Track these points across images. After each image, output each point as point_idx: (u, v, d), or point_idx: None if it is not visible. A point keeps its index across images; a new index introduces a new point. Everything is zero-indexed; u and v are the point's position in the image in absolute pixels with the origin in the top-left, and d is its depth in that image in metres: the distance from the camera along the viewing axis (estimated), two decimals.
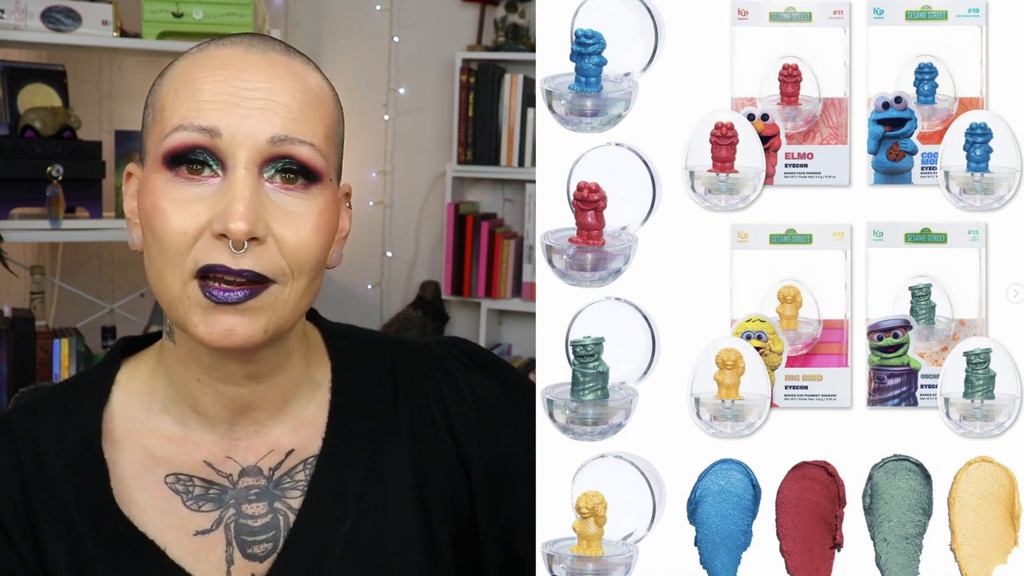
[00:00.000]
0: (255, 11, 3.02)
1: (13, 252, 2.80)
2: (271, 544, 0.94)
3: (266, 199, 0.86)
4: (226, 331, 0.85)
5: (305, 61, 0.92)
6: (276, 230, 0.86)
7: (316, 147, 0.88)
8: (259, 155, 0.86)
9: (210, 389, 0.94)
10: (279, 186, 0.87)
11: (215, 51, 0.89)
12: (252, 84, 0.86)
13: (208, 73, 0.87)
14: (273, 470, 0.96)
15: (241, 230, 0.83)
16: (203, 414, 0.95)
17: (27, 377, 2.54)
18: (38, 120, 2.74)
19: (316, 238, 0.88)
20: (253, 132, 0.85)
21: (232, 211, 0.83)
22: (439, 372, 1.04)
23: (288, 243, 0.86)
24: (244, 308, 0.85)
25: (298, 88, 0.88)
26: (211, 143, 0.85)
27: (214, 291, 0.84)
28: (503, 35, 3.54)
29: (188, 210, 0.85)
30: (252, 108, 0.86)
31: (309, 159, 0.87)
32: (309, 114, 0.88)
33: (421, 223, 3.75)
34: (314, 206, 0.88)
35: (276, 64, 0.88)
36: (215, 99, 0.86)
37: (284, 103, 0.87)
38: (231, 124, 0.85)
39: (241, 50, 0.89)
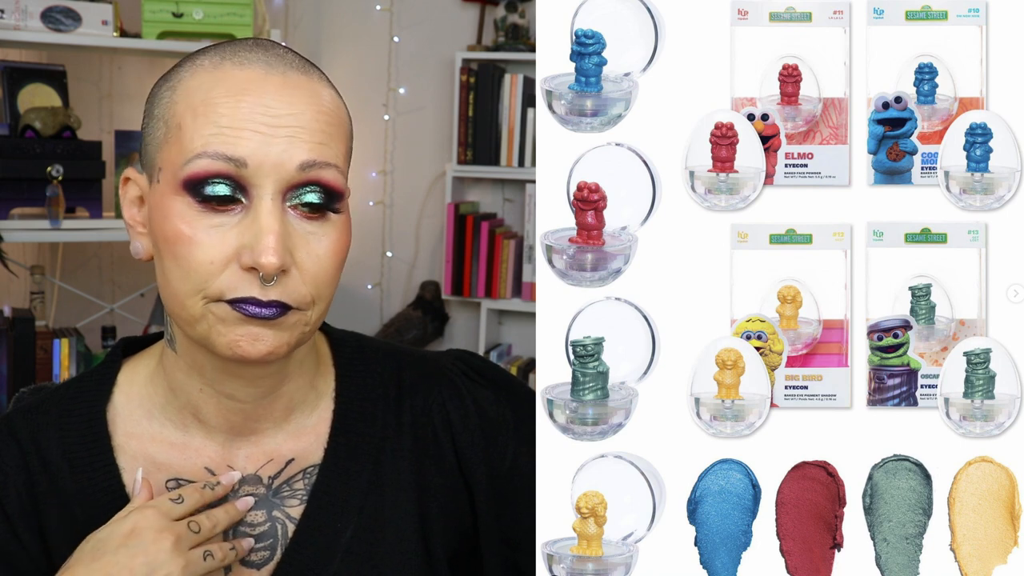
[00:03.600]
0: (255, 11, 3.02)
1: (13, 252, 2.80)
2: (268, 552, 0.94)
3: (291, 228, 0.86)
4: (253, 340, 0.85)
5: (319, 75, 0.91)
6: (299, 259, 0.86)
7: (339, 168, 0.87)
8: (286, 183, 0.85)
9: (212, 400, 0.93)
10: (301, 215, 0.86)
11: (234, 72, 0.87)
12: (276, 110, 0.85)
13: (229, 97, 0.85)
14: (272, 479, 0.96)
15: (273, 265, 0.83)
16: (204, 422, 0.94)
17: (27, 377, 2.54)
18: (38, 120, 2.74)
19: (334, 262, 0.88)
20: (281, 160, 0.84)
21: (263, 245, 0.83)
22: (446, 387, 1.03)
23: (310, 272, 0.86)
24: (275, 323, 0.85)
25: (320, 110, 0.87)
26: (236, 172, 0.84)
27: (250, 308, 0.84)
28: (503, 35, 3.54)
29: (214, 240, 0.84)
30: (279, 136, 0.84)
31: (333, 181, 0.87)
32: (332, 135, 0.87)
33: (421, 223, 3.75)
34: (333, 231, 0.88)
35: (297, 86, 0.87)
36: (239, 126, 0.84)
37: (309, 128, 0.86)
38: (258, 153, 0.84)
39: (261, 72, 0.87)
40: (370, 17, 3.69)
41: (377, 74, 3.71)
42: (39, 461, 0.93)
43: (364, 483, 0.97)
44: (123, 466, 0.94)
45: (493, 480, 1.02)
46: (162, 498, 0.90)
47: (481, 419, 1.02)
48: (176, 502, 0.90)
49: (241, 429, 0.95)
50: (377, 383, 1.01)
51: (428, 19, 3.66)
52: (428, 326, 3.55)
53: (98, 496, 0.92)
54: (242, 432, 0.95)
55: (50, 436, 0.94)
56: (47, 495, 0.93)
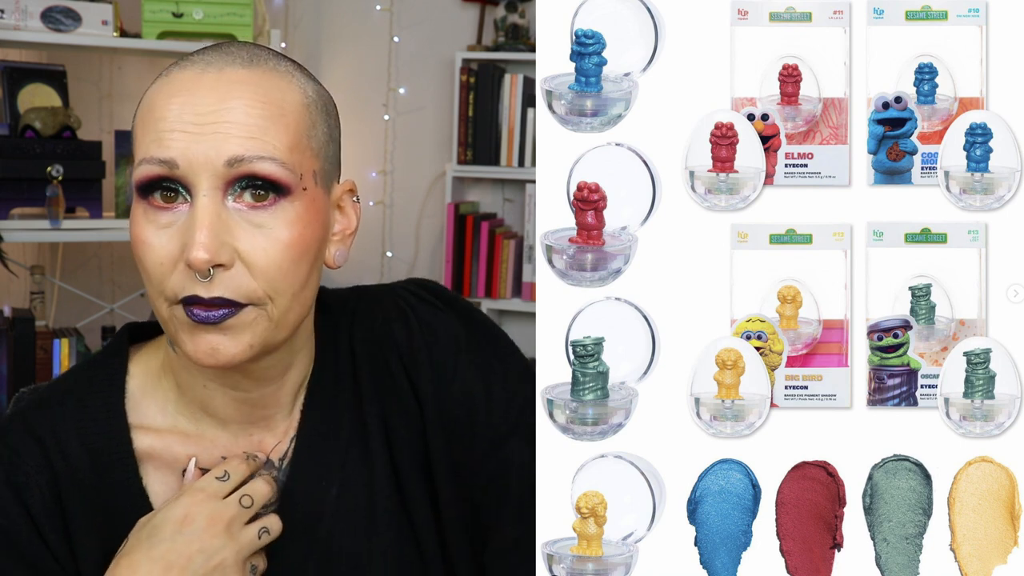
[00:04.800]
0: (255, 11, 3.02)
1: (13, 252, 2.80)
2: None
3: (232, 222, 0.85)
4: (210, 350, 0.85)
5: (270, 68, 0.90)
6: (245, 254, 0.85)
7: (278, 160, 0.86)
8: (219, 179, 0.85)
9: (218, 394, 0.94)
10: (248, 205, 0.86)
11: (175, 75, 0.88)
12: (205, 107, 0.85)
13: (166, 100, 0.86)
14: (282, 459, 0.97)
15: (201, 259, 0.82)
16: (214, 416, 0.95)
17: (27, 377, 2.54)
18: (38, 120, 2.75)
19: (288, 255, 0.86)
20: (208, 157, 0.84)
21: (193, 241, 0.83)
22: (391, 307, 1.02)
23: (257, 266, 0.85)
24: (225, 327, 0.85)
25: (255, 102, 0.86)
26: (171, 174, 0.85)
27: (195, 311, 0.85)
28: (503, 35, 3.54)
29: (163, 241, 0.86)
30: (205, 133, 0.85)
31: (271, 173, 0.85)
32: (268, 128, 0.86)
33: (421, 223, 3.75)
34: (283, 221, 0.86)
35: (231, 80, 0.87)
36: (170, 128, 0.85)
37: (238, 121, 0.85)
38: (187, 153, 0.84)
39: (197, 71, 0.87)
40: (370, 17, 3.69)
41: (377, 74, 3.71)
42: (60, 455, 0.93)
43: (343, 441, 0.98)
44: (141, 457, 0.95)
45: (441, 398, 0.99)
46: (208, 478, 0.91)
47: (426, 337, 1.00)
48: (222, 479, 0.91)
49: (251, 417, 0.96)
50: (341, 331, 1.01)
51: (428, 19, 3.66)
52: None
53: (117, 489, 0.93)
54: (253, 420, 0.96)
55: (68, 429, 0.94)
56: (70, 489, 0.93)
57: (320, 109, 0.92)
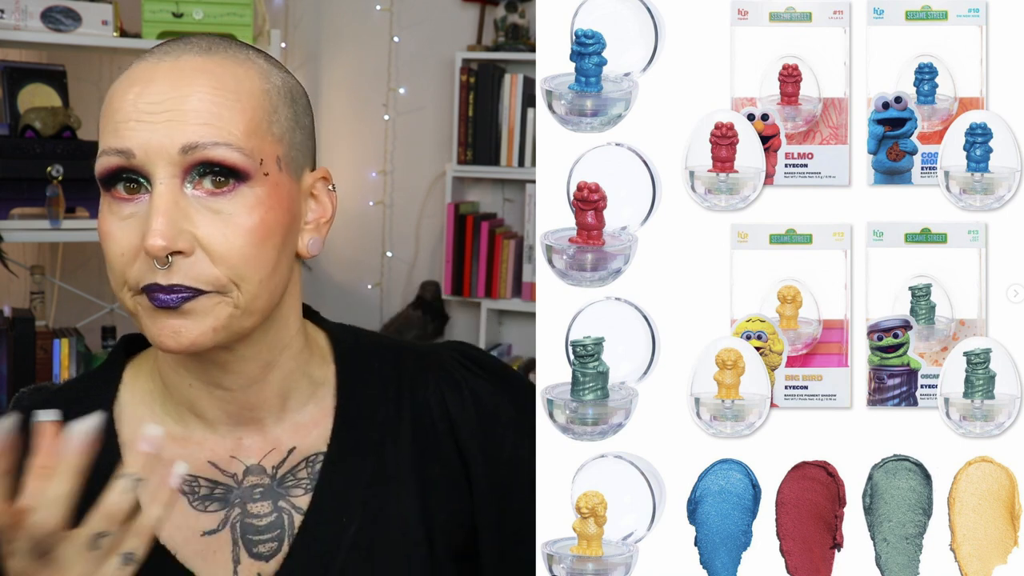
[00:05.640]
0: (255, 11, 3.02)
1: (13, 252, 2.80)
2: (276, 543, 0.94)
3: (192, 209, 0.85)
4: (173, 333, 0.85)
5: (229, 56, 0.90)
6: (205, 241, 0.85)
7: (235, 145, 0.86)
8: (176, 167, 0.85)
9: (204, 393, 0.94)
10: (208, 192, 0.86)
11: (134, 67, 0.89)
12: (158, 96, 0.85)
13: (123, 91, 0.87)
14: (276, 468, 0.96)
15: (157, 246, 0.82)
16: (201, 416, 0.95)
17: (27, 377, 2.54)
18: (38, 120, 2.74)
19: (249, 240, 0.86)
20: (162, 145, 0.84)
21: (149, 229, 0.83)
22: (444, 378, 1.03)
23: (217, 251, 0.85)
24: (185, 311, 0.85)
25: (208, 88, 0.86)
26: (128, 164, 0.85)
27: (156, 295, 0.85)
28: (503, 35, 3.54)
29: (124, 232, 0.86)
30: (158, 121, 0.85)
31: (226, 159, 0.85)
32: (223, 114, 0.86)
33: (421, 223, 3.75)
34: (243, 206, 0.86)
35: (185, 68, 0.87)
36: (127, 119, 0.85)
37: (192, 108, 0.85)
38: (141, 142, 0.85)
39: (153, 61, 0.88)
40: (370, 17, 3.69)
41: (377, 74, 3.71)
42: None
43: (367, 477, 0.98)
44: (129, 463, 0.94)
45: (492, 468, 1.02)
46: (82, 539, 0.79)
47: (478, 410, 1.02)
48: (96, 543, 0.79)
49: (239, 419, 0.95)
50: (377, 377, 1.02)
51: (428, 19, 3.66)
52: (428, 326, 3.55)
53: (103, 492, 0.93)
54: (241, 422, 0.95)
55: None
56: None
57: (284, 95, 0.92)
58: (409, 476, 0.99)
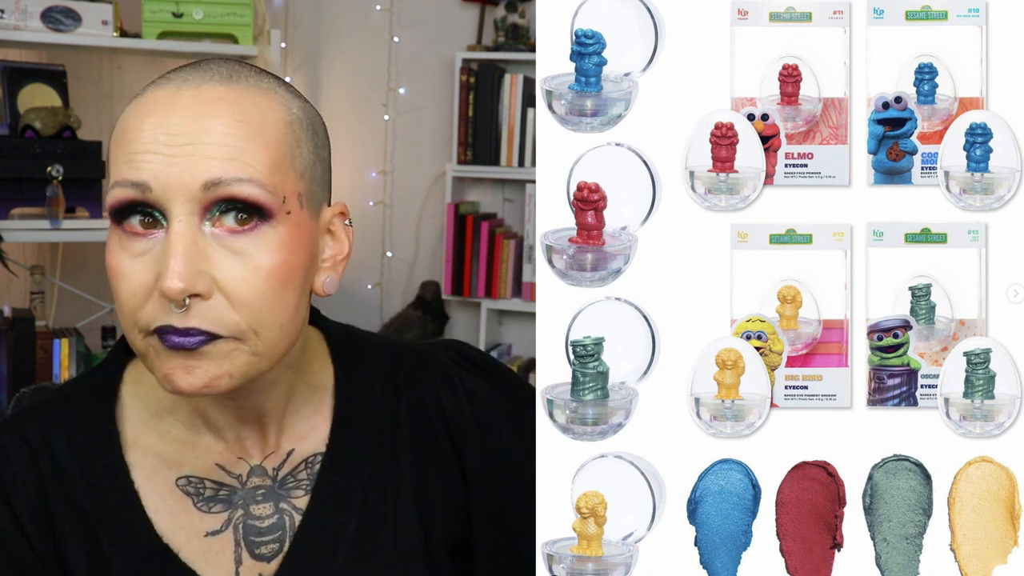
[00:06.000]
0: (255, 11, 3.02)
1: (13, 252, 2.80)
2: (277, 544, 0.94)
3: (210, 249, 0.81)
4: (186, 373, 0.82)
5: (251, 85, 0.86)
6: (224, 283, 0.81)
7: (258, 181, 0.82)
8: (195, 204, 0.81)
9: (211, 402, 0.94)
10: (228, 230, 0.82)
11: (150, 94, 0.84)
12: (179, 127, 0.81)
13: (139, 120, 0.82)
14: (276, 470, 0.96)
15: (175, 288, 0.78)
16: (212, 423, 0.95)
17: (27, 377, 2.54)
18: (38, 120, 2.75)
19: (270, 284, 0.82)
20: (183, 181, 0.80)
21: (166, 269, 0.79)
22: (439, 377, 1.03)
23: (237, 295, 0.81)
24: (202, 354, 0.81)
25: (232, 121, 0.82)
26: (144, 198, 0.81)
27: (170, 337, 0.81)
28: (503, 35, 3.54)
29: (136, 271, 0.82)
30: (180, 155, 0.80)
31: (250, 196, 0.81)
32: (247, 147, 0.82)
33: (421, 223, 3.75)
34: (265, 247, 0.82)
35: (207, 99, 0.83)
36: (144, 150, 0.81)
37: (215, 142, 0.81)
38: (160, 176, 0.80)
39: (173, 89, 0.83)
40: (370, 17, 3.69)
41: (377, 74, 3.71)
42: (49, 460, 0.93)
43: (366, 477, 0.98)
44: (132, 463, 0.94)
45: (487, 469, 1.02)
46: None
47: (474, 408, 1.02)
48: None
49: (246, 421, 0.95)
50: (375, 377, 1.01)
51: (428, 19, 3.66)
52: (428, 326, 3.55)
53: (108, 494, 0.93)
54: (248, 423, 0.95)
55: (59, 435, 0.94)
56: (57, 494, 0.92)
57: (306, 128, 0.88)
58: (407, 476, 0.99)
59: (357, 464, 0.98)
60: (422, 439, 1.01)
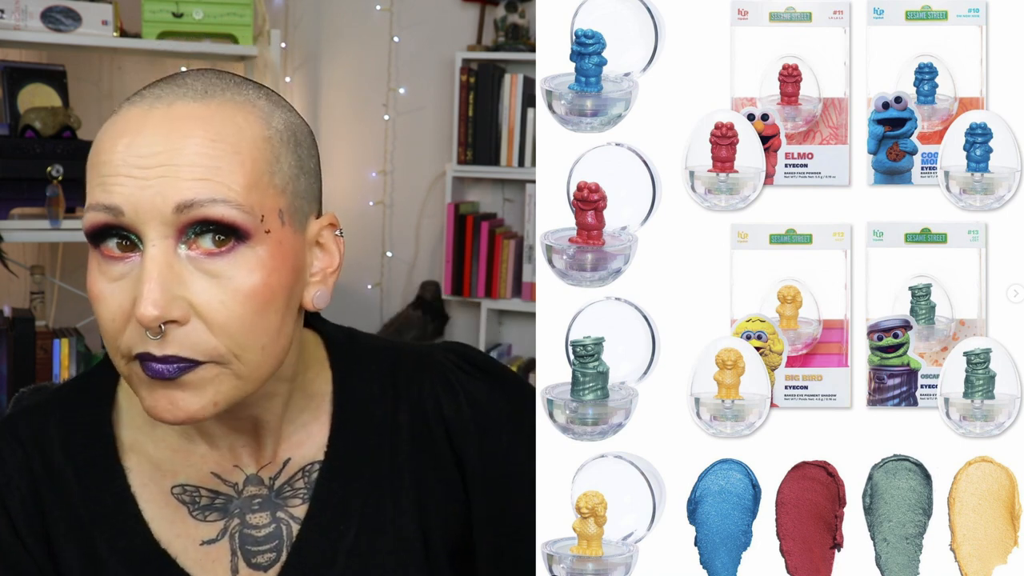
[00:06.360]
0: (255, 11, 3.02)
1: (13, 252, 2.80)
2: (275, 554, 0.94)
3: (186, 273, 0.79)
4: (169, 406, 0.81)
5: (227, 99, 0.83)
6: (201, 308, 0.79)
7: (233, 202, 0.79)
8: (169, 227, 0.79)
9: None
10: (204, 252, 0.80)
11: (123, 112, 0.82)
12: (150, 148, 0.79)
13: (111, 142, 0.80)
14: (273, 479, 0.95)
15: (149, 316, 0.77)
16: (207, 432, 0.94)
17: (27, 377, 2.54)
18: (38, 120, 2.75)
19: (249, 307, 0.80)
20: (154, 204, 0.78)
21: (140, 296, 0.77)
22: (439, 380, 1.02)
23: (215, 320, 0.79)
24: (183, 383, 0.80)
25: (205, 140, 0.79)
26: (117, 221, 0.79)
27: (151, 365, 0.80)
28: (503, 35, 3.54)
29: (114, 295, 0.80)
30: (152, 177, 0.78)
31: (225, 217, 0.79)
32: (221, 167, 0.79)
33: (421, 223, 3.75)
34: (243, 268, 0.80)
35: (180, 117, 0.80)
36: (116, 172, 0.79)
37: (188, 163, 0.79)
38: (132, 199, 0.78)
39: (145, 107, 0.81)
40: (370, 17, 3.69)
41: (377, 74, 3.71)
42: (42, 463, 0.92)
43: (364, 484, 0.97)
44: (128, 467, 0.94)
45: (487, 473, 1.01)
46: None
47: (474, 411, 1.01)
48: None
49: (241, 431, 0.94)
50: (373, 381, 1.01)
51: (428, 19, 3.66)
52: (428, 326, 3.55)
53: (104, 498, 0.92)
54: (243, 432, 0.94)
55: (53, 437, 0.93)
56: (51, 497, 0.92)
57: (287, 141, 0.86)
58: (406, 481, 0.99)
59: (355, 470, 0.97)
60: (421, 443, 1.00)
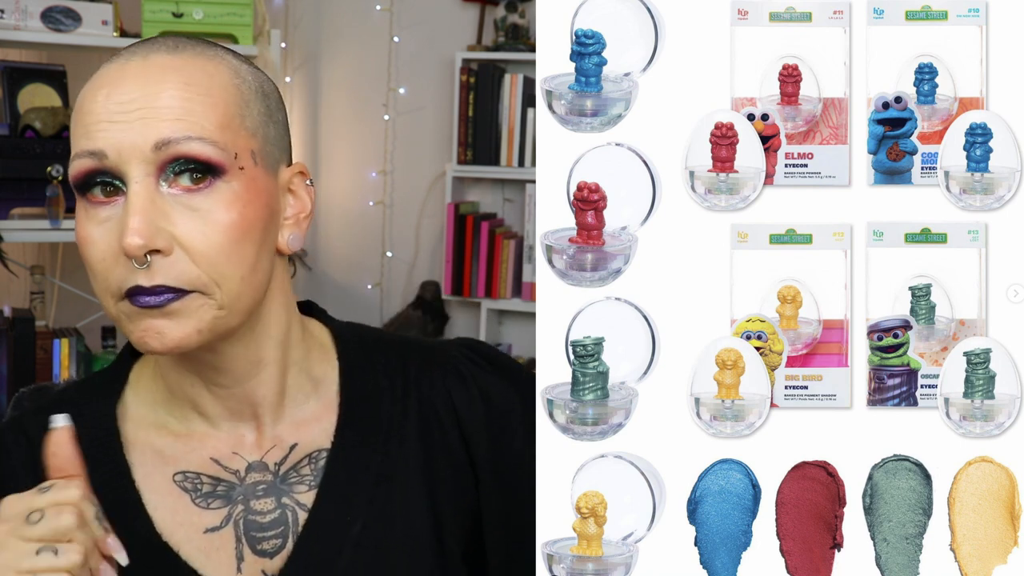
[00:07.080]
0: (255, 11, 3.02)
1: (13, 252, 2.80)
2: (280, 540, 0.94)
3: (168, 207, 0.85)
4: (156, 334, 0.85)
5: (198, 52, 0.90)
6: (183, 239, 0.85)
7: (208, 139, 0.85)
8: (150, 165, 0.85)
9: (203, 390, 0.94)
10: (184, 189, 0.85)
11: (102, 70, 0.88)
12: (130, 95, 0.85)
13: (92, 93, 0.86)
14: (279, 465, 0.96)
15: (135, 245, 0.82)
16: (205, 414, 0.95)
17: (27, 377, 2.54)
18: (38, 120, 2.75)
19: (228, 236, 0.86)
20: (135, 144, 0.84)
21: (126, 228, 0.83)
22: (451, 374, 1.02)
23: (196, 249, 0.85)
24: (169, 311, 0.85)
25: (178, 84, 0.86)
26: (101, 166, 0.85)
27: (140, 298, 0.84)
28: (503, 35, 3.54)
29: (102, 236, 0.86)
30: (131, 120, 0.84)
31: (200, 153, 0.85)
32: (195, 108, 0.86)
33: (421, 223, 3.75)
34: (220, 202, 0.86)
35: (154, 66, 0.87)
36: (98, 120, 0.85)
37: (164, 105, 0.85)
38: (113, 142, 0.84)
39: (122, 62, 0.88)
40: (370, 17, 3.69)
41: (377, 74, 3.71)
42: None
43: (373, 474, 0.97)
44: (133, 462, 0.95)
45: (500, 468, 1.01)
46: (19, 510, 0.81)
47: (487, 406, 1.02)
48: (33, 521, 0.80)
49: (240, 415, 0.95)
50: (382, 374, 1.01)
51: (428, 19, 3.66)
52: (428, 326, 3.55)
53: (108, 493, 0.93)
54: (242, 418, 0.95)
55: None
56: None
57: (255, 91, 0.92)
58: (416, 472, 0.99)
59: (364, 460, 0.97)
60: (431, 435, 1.00)
